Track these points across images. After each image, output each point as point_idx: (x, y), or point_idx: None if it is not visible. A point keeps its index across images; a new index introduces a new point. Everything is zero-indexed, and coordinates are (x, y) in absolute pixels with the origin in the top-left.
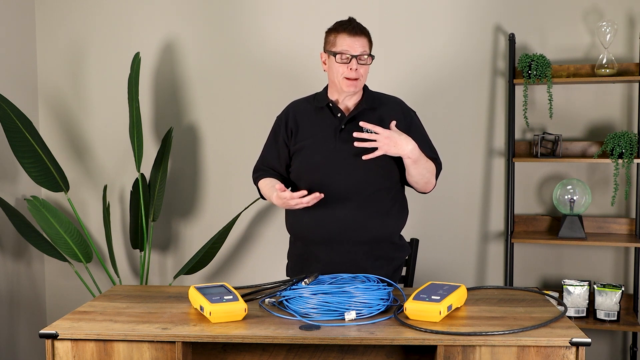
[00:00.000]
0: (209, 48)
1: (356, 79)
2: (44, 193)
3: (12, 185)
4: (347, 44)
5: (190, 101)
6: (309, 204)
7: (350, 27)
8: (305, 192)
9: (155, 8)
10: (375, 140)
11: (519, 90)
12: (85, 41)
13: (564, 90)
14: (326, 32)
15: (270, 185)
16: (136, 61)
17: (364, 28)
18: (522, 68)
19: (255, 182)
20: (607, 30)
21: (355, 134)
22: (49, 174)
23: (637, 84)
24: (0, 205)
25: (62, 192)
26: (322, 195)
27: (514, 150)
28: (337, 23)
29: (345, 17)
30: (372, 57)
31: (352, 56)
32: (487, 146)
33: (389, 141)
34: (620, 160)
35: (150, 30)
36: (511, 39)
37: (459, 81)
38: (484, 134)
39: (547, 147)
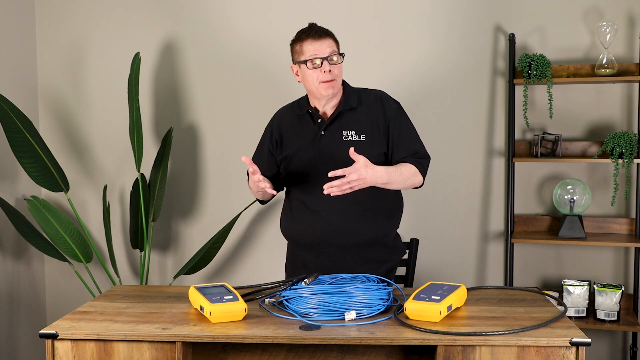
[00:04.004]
0: (209, 48)
1: (332, 80)
2: (44, 193)
3: (12, 185)
4: (314, 48)
5: (190, 101)
6: (264, 188)
7: (313, 31)
8: (268, 184)
9: (155, 8)
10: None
11: (519, 90)
12: (85, 41)
13: (564, 90)
14: (290, 45)
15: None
16: (136, 61)
17: (327, 30)
18: (522, 68)
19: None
20: (607, 30)
21: (325, 188)
22: (49, 174)
23: (637, 84)
24: (0, 205)
25: (62, 192)
26: (275, 192)
27: (514, 150)
28: (298, 32)
29: (345, 20)
30: (342, 55)
31: (322, 59)
32: (487, 146)
33: (358, 182)
34: (620, 160)
35: (150, 30)
36: (511, 39)
37: (459, 81)
38: (484, 134)
39: (547, 147)
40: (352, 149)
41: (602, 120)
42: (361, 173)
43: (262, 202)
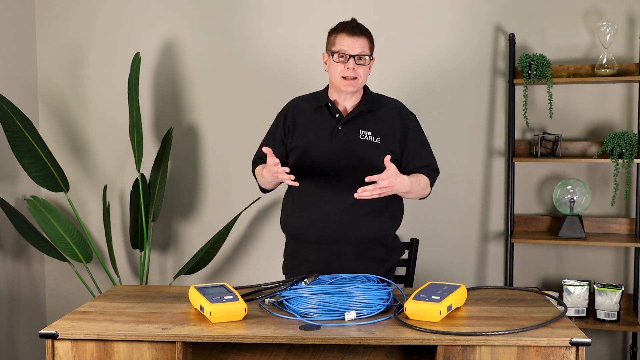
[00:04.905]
0: (209, 48)
1: (354, 79)
2: (44, 193)
3: (12, 185)
4: (346, 43)
5: (190, 101)
6: (285, 181)
7: (350, 27)
8: (292, 176)
9: (155, 8)
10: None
11: (519, 90)
12: (85, 41)
13: (564, 90)
14: (328, 33)
15: (264, 166)
16: (136, 61)
17: (366, 29)
18: (522, 68)
19: (253, 172)
20: (607, 30)
21: (358, 191)
22: (49, 174)
23: (637, 84)
24: (0, 205)
25: (62, 192)
26: (297, 184)
27: (514, 150)
28: (338, 23)
29: (344, 18)
30: (372, 57)
31: (350, 56)
32: (487, 146)
33: (388, 189)
34: (620, 160)
35: (150, 30)
36: (511, 39)
37: (459, 81)
38: (484, 134)
39: (547, 147)
40: (387, 158)
41: (602, 120)
42: (391, 180)
43: (265, 190)
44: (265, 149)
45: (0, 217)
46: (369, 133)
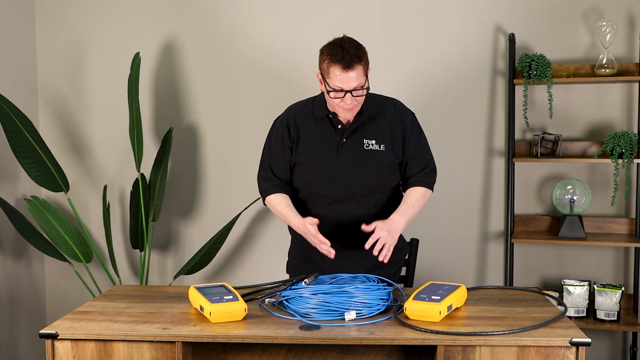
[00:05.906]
0: (209, 48)
1: (352, 108)
2: (44, 193)
3: (12, 185)
4: (340, 80)
5: (190, 101)
6: (321, 250)
7: (344, 59)
8: (328, 243)
9: (155, 8)
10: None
11: (519, 90)
12: (85, 41)
13: (564, 90)
14: (320, 52)
15: (286, 204)
16: (136, 61)
17: (359, 52)
18: (522, 68)
19: (263, 193)
20: (607, 30)
21: (367, 246)
22: (49, 174)
23: (637, 84)
24: (0, 205)
25: (62, 192)
26: (334, 253)
27: (514, 150)
28: (330, 48)
29: (345, 20)
30: (367, 69)
31: (346, 91)
32: (487, 146)
33: (390, 238)
34: (620, 160)
35: (150, 30)
36: (511, 39)
37: (459, 81)
38: (484, 134)
39: (547, 147)
40: (363, 226)
41: (602, 120)
42: (390, 229)
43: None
44: (311, 221)
45: (0, 217)
46: (373, 142)
